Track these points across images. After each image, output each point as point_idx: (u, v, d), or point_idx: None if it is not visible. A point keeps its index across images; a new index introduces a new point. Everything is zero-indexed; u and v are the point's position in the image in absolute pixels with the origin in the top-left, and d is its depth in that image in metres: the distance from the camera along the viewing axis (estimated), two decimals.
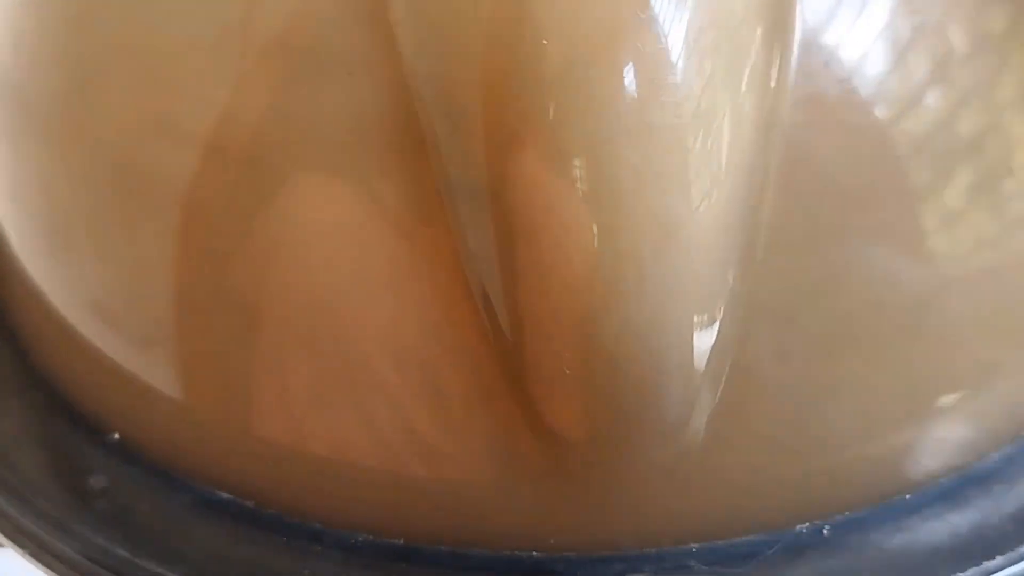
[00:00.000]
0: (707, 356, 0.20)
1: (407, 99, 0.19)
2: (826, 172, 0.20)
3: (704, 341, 0.19)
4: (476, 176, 0.19)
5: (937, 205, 0.21)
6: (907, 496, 0.22)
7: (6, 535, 0.23)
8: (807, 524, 0.21)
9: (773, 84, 0.20)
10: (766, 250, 0.20)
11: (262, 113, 0.20)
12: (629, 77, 0.18)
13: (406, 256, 0.20)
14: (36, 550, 0.23)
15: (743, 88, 0.19)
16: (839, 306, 0.20)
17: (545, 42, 0.18)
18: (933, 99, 0.21)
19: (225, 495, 0.23)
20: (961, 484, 0.22)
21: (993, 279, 0.22)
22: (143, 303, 0.22)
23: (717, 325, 0.19)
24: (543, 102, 0.18)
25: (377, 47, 0.20)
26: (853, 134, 0.20)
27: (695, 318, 0.19)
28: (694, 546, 0.21)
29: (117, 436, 0.24)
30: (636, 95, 0.18)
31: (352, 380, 0.21)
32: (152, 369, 0.23)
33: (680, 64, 0.18)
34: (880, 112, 0.20)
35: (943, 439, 0.22)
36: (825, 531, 0.21)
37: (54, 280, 0.24)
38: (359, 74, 0.20)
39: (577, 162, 0.18)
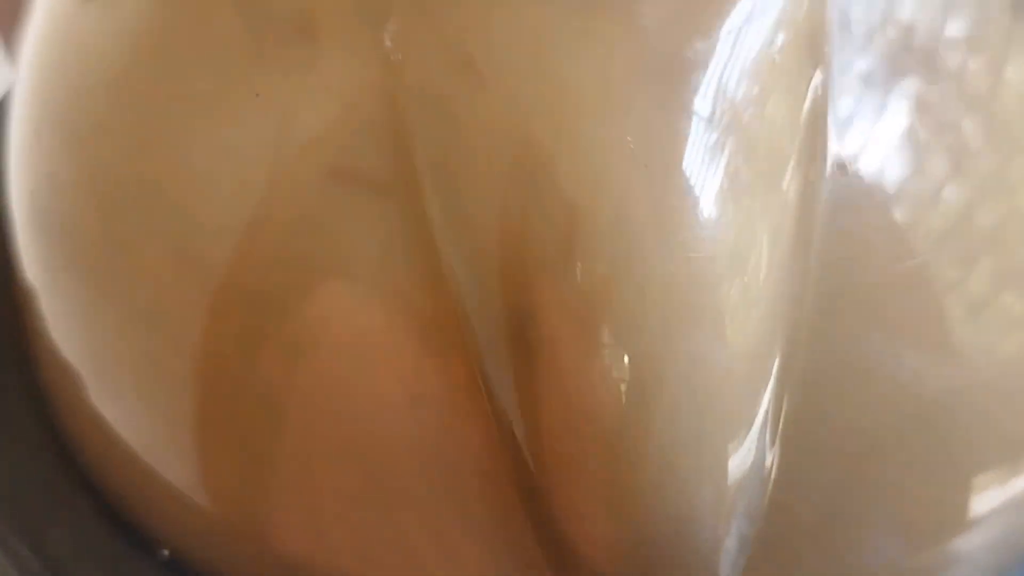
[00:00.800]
0: (742, 491, 0.20)
1: (428, 234, 0.20)
2: (861, 288, 0.21)
3: (737, 476, 0.20)
4: (496, 316, 0.19)
5: (962, 299, 0.21)
6: None
7: None
8: None
9: (806, 207, 0.20)
10: (802, 378, 0.20)
11: (292, 227, 0.21)
12: (660, 238, 0.18)
13: (426, 378, 0.20)
14: None
15: (778, 220, 0.20)
16: (873, 424, 0.21)
17: (569, 202, 0.18)
18: (952, 197, 0.21)
19: None
20: None
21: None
22: (176, 443, 0.23)
23: (751, 464, 0.20)
24: (569, 262, 0.18)
25: (402, 178, 0.20)
26: (882, 243, 0.21)
27: (729, 457, 0.20)
28: None
29: (166, 553, 0.25)
30: (667, 255, 0.19)
31: (381, 507, 0.21)
32: (191, 494, 0.23)
33: (714, 217, 0.19)
34: (902, 216, 0.21)
35: (977, 554, 0.22)
36: None
37: (110, 416, 0.24)
38: (386, 200, 0.20)
39: (605, 322, 0.19)
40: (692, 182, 0.19)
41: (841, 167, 0.20)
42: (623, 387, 0.19)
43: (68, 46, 0.25)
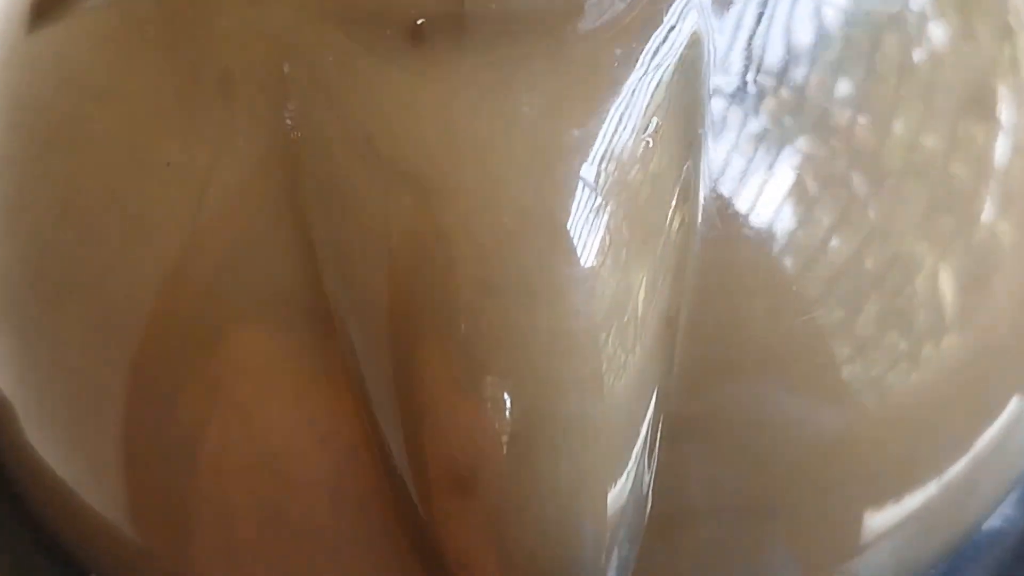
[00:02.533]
0: (622, 521, 0.21)
1: (323, 293, 0.21)
2: (736, 324, 0.21)
3: (617, 508, 0.20)
4: (385, 372, 0.20)
5: (849, 338, 0.22)
6: None
7: None
8: None
9: (682, 250, 0.21)
10: (676, 412, 0.21)
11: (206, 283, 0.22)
12: (545, 298, 0.20)
13: (327, 422, 0.21)
14: None
15: (654, 269, 0.21)
16: (757, 456, 0.22)
17: (457, 265, 0.19)
18: (838, 243, 0.22)
19: None
20: None
21: (911, 405, 0.23)
22: (107, 472, 0.24)
23: (629, 490, 0.21)
24: (454, 320, 0.19)
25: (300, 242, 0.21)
26: (762, 288, 0.22)
27: (604, 503, 0.20)
28: None
29: None
30: (551, 313, 0.20)
31: (283, 543, 0.22)
32: (118, 523, 0.24)
33: (596, 269, 0.20)
34: (789, 264, 0.22)
35: None
36: None
37: (40, 448, 0.25)
38: (287, 262, 0.21)
39: (488, 377, 0.19)
40: (576, 242, 0.20)
41: (719, 218, 0.21)
42: (504, 440, 0.20)
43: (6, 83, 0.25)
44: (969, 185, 0.23)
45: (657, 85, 0.20)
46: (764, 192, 0.22)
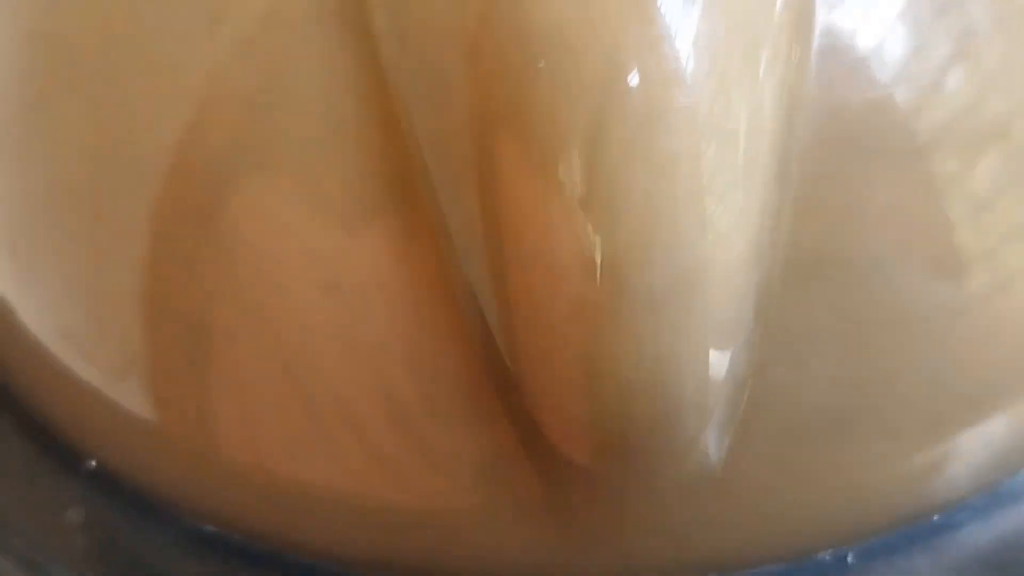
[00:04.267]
0: (723, 384, 0.18)
1: (395, 129, 0.18)
2: (846, 176, 0.19)
3: (720, 368, 0.18)
4: (468, 205, 0.18)
5: (964, 196, 0.20)
6: (935, 517, 0.21)
7: None
8: (830, 552, 0.20)
9: (792, 83, 0.18)
10: (785, 267, 0.19)
11: (235, 111, 0.19)
12: (632, 97, 0.17)
13: (392, 269, 0.19)
14: None
15: (758, 90, 0.18)
16: (862, 324, 0.19)
17: (540, 62, 0.17)
18: (956, 83, 0.20)
19: (211, 529, 0.21)
20: (990, 503, 0.21)
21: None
22: (112, 328, 0.21)
23: (734, 351, 0.18)
24: (536, 126, 0.17)
25: (353, 43, 0.18)
26: (874, 130, 0.19)
27: (711, 345, 0.18)
28: None
29: (94, 463, 0.22)
30: (643, 116, 0.17)
31: (330, 401, 0.19)
32: (125, 393, 0.21)
33: (690, 72, 0.17)
34: (902, 99, 0.19)
35: (972, 458, 0.20)
36: (849, 559, 0.20)
37: (23, 303, 0.22)
38: (334, 72, 0.18)
39: (578, 190, 0.17)
40: (669, 36, 0.17)
41: (831, 43, 0.19)
42: (598, 272, 0.17)
43: None
44: None
45: None
46: (875, 11, 0.19)
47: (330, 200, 0.19)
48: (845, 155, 0.19)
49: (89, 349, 0.21)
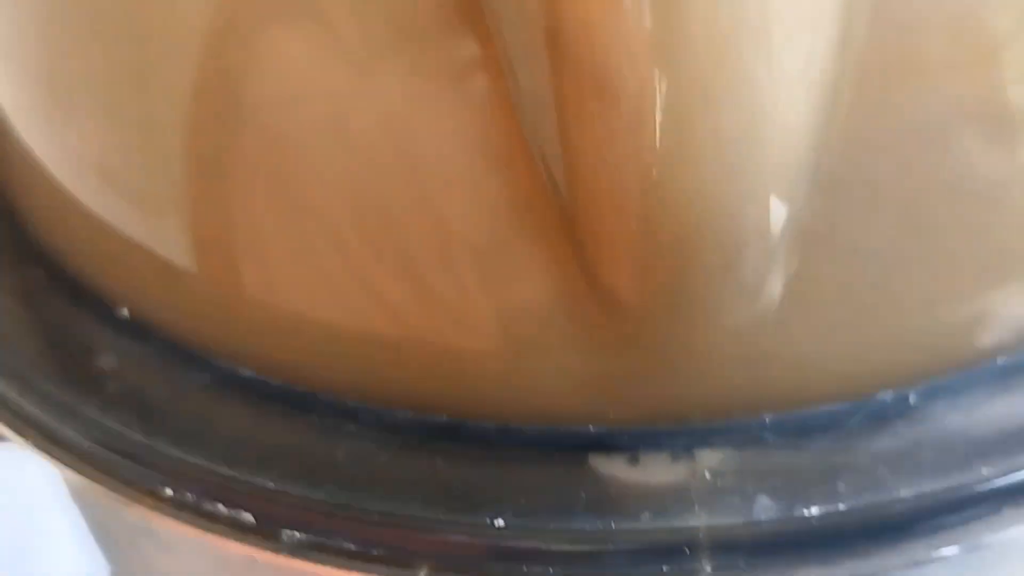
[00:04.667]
0: (786, 219, 0.18)
1: None
2: (908, 31, 0.18)
3: (782, 212, 0.18)
4: (533, 25, 0.17)
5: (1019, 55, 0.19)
6: (999, 360, 0.20)
7: (5, 423, 0.21)
8: (892, 391, 0.19)
9: None
10: (847, 118, 0.18)
11: None
12: None
13: (451, 98, 0.18)
14: (40, 439, 0.21)
15: None
16: (921, 181, 0.18)
17: None
18: None
19: (247, 372, 0.21)
20: None
21: None
22: (151, 163, 0.20)
23: (795, 196, 0.18)
24: None
25: None
26: None
27: (773, 189, 0.17)
28: (767, 417, 0.19)
29: (126, 312, 0.22)
30: None
31: (383, 237, 0.19)
32: (161, 235, 0.21)
33: None
34: None
35: None
36: (911, 399, 0.19)
37: (54, 142, 0.22)
38: None
39: (648, 19, 0.16)
40: None
41: None
42: (660, 110, 0.16)
43: None
44: None
45: None
46: None
47: (387, 23, 0.18)
48: (905, 13, 0.18)
49: (125, 189, 0.21)
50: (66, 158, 0.22)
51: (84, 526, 0.29)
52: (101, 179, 0.21)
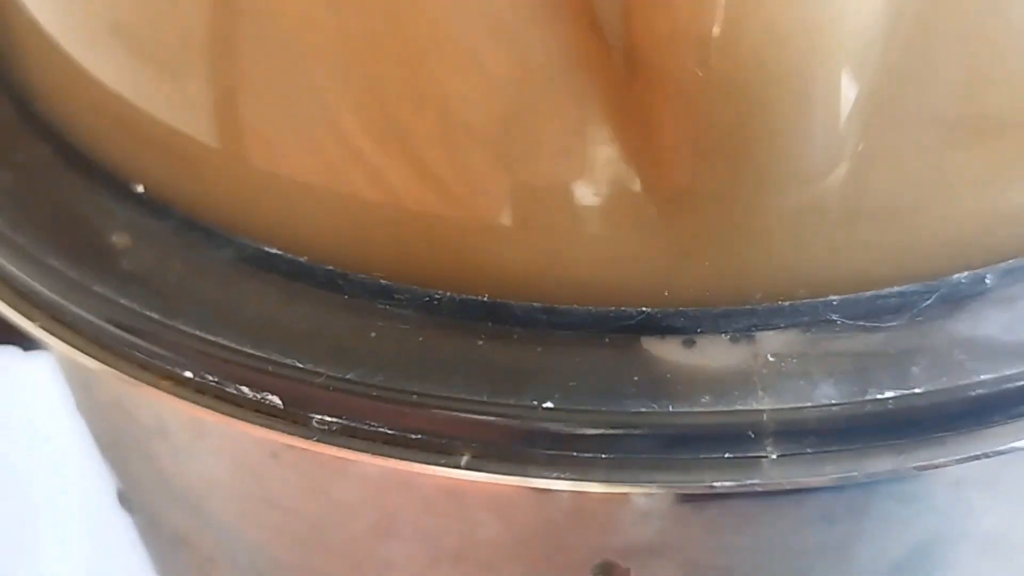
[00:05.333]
0: (854, 88, 0.16)
1: None
2: None
3: (851, 83, 0.16)
4: None
5: None
6: None
7: (9, 304, 0.20)
8: (967, 272, 0.18)
9: None
10: None
11: None
12: None
13: None
14: (48, 320, 0.20)
15: None
16: (993, 38, 0.17)
17: None
18: None
19: (273, 249, 0.19)
20: None
21: None
22: (164, 17, 0.19)
23: (866, 65, 0.16)
24: None
25: None
26: None
27: (843, 58, 0.16)
28: (835, 298, 0.18)
29: (141, 188, 0.20)
30: None
31: (415, 87, 0.17)
32: (178, 99, 0.19)
33: None
34: None
35: None
36: (988, 280, 0.18)
37: (61, 5, 0.20)
38: None
39: None
40: None
41: None
42: None
43: None
44: None
45: None
46: None
47: None
48: None
49: (138, 48, 0.19)
50: (75, 18, 0.20)
51: (90, 440, 0.28)
52: (111, 39, 0.19)
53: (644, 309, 0.18)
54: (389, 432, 0.17)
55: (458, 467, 0.17)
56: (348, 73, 0.18)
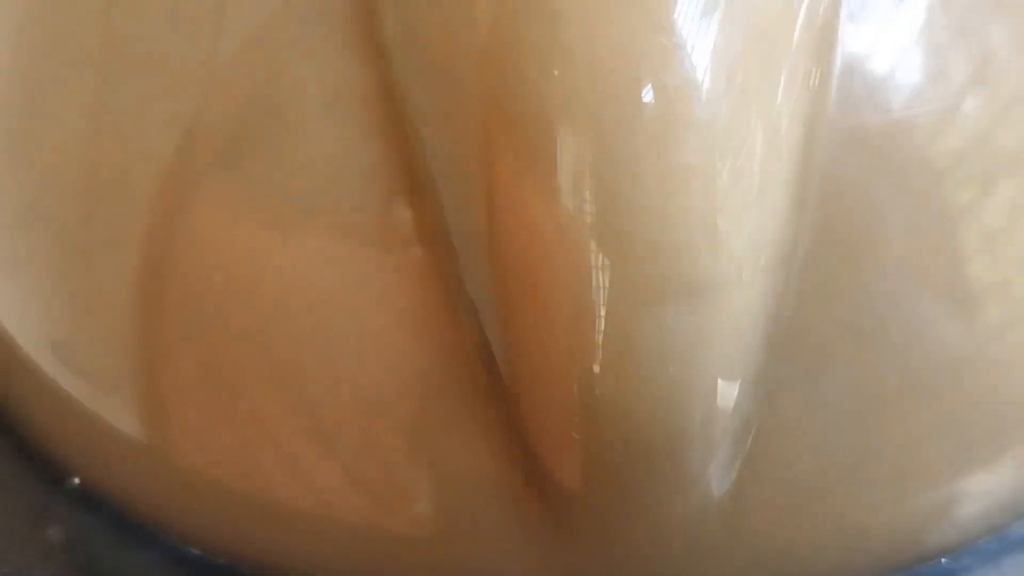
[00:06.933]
0: (731, 416, 0.18)
1: (401, 135, 0.18)
2: (865, 202, 0.19)
3: (729, 399, 0.18)
4: (473, 216, 0.17)
5: (978, 226, 0.19)
6: (944, 560, 0.20)
7: None
8: None
9: (811, 103, 0.18)
10: (799, 295, 0.18)
11: (237, 112, 0.19)
12: (647, 110, 0.16)
13: (392, 280, 0.18)
14: None
15: (778, 108, 0.17)
16: (876, 354, 0.19)
17: (555, 71, 0.16)
18: (973, 109, 0.19)
19: (195, 551, 0.21)
20: (1000, 548, 0.20)
21: None
22: (101, 341, 0.20)
23: (743, 381, 0.18)
24: (548, 137, 0.16)
25: (361, 45, 0.18)
26: (891, 155, 0.19)
27: (720, 374, 0.17)
28: None
29: (77, 481, 0.22)
30: (655, 130, 0.16)
31: (329, 423, 0.19)
32: (112, 409, 0.21)
33: (706, 87, 0.16)
34: (920, 124, 0.19)
35: (981, 501, 0.20)
36: None
37: (10, 312, 0.22)
38: (341, 74, 0.18)
39: (588, 205, 0.16)
40: (684, 48, 0.16)
41: (852, 65, 0.18)
42: (603, 291, 0.16)
43: None
44: None
45: None
46: (894, 33, 0.19)
47: (330, 207, 0.18)
48: (863, 179, 0.18)
49: (77, 362, 0.21)
50: (19, 325, 0.22)
51: None
52: (53, 351, 0.21)
53: None
54: None
55: None
56: (244, 394, 0.19)
